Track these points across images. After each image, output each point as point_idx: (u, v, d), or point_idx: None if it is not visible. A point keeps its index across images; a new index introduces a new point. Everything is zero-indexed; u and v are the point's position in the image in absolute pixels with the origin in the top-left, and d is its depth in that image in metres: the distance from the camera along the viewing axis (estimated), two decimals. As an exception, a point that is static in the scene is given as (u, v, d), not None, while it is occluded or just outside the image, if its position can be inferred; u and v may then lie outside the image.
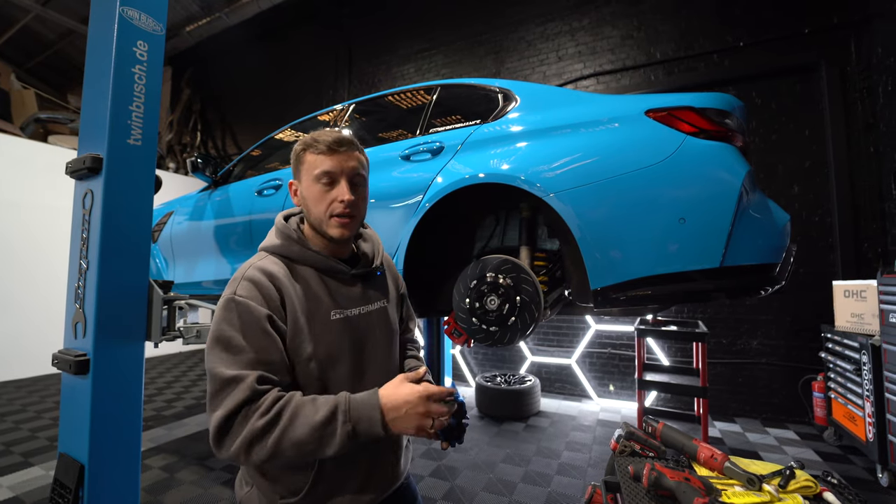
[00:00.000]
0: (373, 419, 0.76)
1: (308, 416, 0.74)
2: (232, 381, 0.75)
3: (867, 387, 2.77)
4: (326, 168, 0.91)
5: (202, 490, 2.61)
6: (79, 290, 1.69)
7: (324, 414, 0.74)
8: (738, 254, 1.41)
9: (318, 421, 0.74)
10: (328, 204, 0.91)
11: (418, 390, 0.78)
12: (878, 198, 3.56)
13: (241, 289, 0.83)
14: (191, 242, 2.95)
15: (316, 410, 0.75)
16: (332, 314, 0.90)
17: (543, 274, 1.84)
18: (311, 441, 0.73)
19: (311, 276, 0.92)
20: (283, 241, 0.93)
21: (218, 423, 0.73)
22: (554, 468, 2.92)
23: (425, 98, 2.23)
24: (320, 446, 0.74)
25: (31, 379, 5.18)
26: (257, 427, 0.72)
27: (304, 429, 0.73)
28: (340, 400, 0.77)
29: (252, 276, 0.85)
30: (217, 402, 0.75)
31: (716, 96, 1.58)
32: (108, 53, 1.72)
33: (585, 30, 4.84)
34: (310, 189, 0.93)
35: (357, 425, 0.75)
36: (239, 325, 0.79)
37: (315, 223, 0.94)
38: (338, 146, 0.92)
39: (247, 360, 0.77)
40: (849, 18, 3.70)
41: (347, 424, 0.75)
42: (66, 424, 1.71)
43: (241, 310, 0.80)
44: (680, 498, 1.09)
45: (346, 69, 6.48)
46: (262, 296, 0.83)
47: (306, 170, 0.93)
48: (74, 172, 1.74)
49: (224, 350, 0.78)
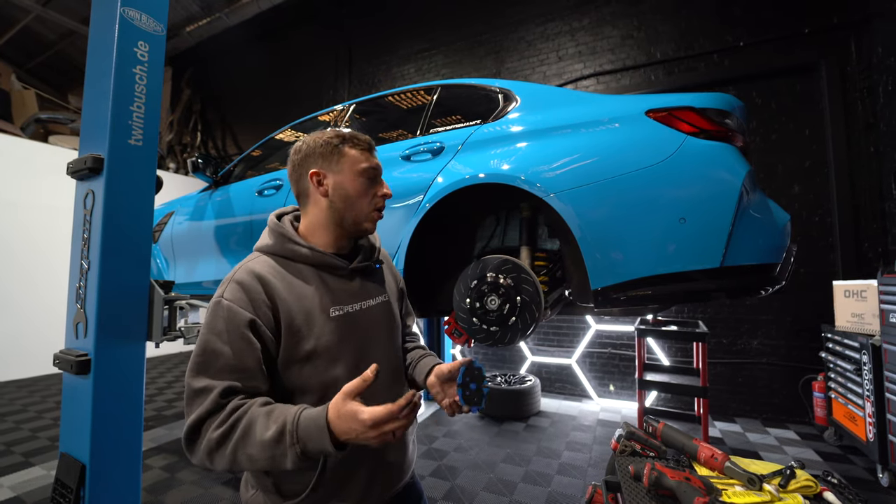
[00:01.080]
0: (322, 440, 0.70)
1: (259, 433, 0.72)
2: (200, 392, 0.76)
3: (867, 387, 2.77)
4: (373, 165, 0.96)
5: (203, 490, 2.62)
6: (80, 291, 1.69)
7: (272, 434, 0.71)
8: (739, 254, 1.41)
9: (266, 440, 0.71)
10: (371, 198, 0.95)
11: (363, 420, 0.68)
12: (879, 197, 3.56)
13: (228, 292, 0.83)
14: (191, 242, 2.95)
15: (267, 427, 0.72)
16: (331, 311, 0.89)
17: (544, 274, 1.85)
18: (263, 458, 0.72)
19: (309, 274, 0.91)
20: (277, 239, 0.92)
21: (185, 432, 0.76)
22: (554, 468, 2.92)
23: (426, 98, 2.23)
24: (274, 464, 0.72)
25: (31, 379, 5.18)
26: (213, 438, 0.73)
27: (254, 446, 0.72)
28: (289, 418, 0.72)
29: (240, 278, 0.84)
30: (188, 410, 0.77)
31: (716, 96, 1.58)
32: (109, 54, 1.73)
33: (585, 30, 4.84)
34: (353, 182, 0.93)
35: (306, 446, 0.71)
36: (220, 329, 0.79)
37: (349, 217, 0.94)
38: (373, 147, 0.98)
39: (220, 367, 0.78)
40: (849, 18, 3.70)
41: (295, 446, 0.70)
42: (68, 424, 1.71)
43: (224, 314, 0.80)
44: (680, 497, 1.09)
45: (346, 69, 6.48)
46: (247, 299, 0.82)
47: (349, 163, 0.93)
48: (76, 173, 1.74)
49: (201, 356, 0.78)
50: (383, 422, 0.69)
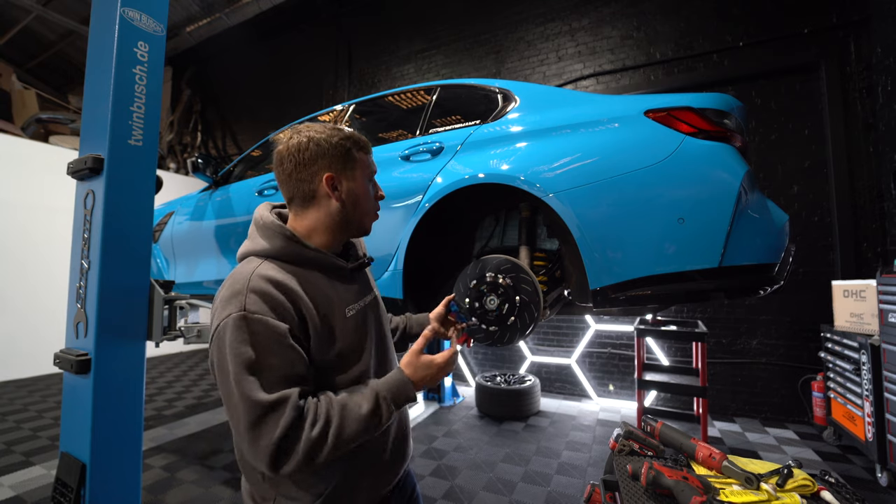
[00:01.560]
0: (408, 393, 0.85)
1: (354, 411, 0.78)
2: (275, 404, 0.72)
3: (866, 386, 2.78)
4: (374, 168, 1.00)
5: (203, 490, 2.62)
6: (80, 290, 1.69)
7: (369, 406, 0.80)
8: (737, 254, 1.41)
9: (365, 413, 0.79)
10: (374, 200, 0.99)
11: (438, 363, 0.89)
12: (878, 197, 3.57)
13: (251, 303, 0.76)
14: (191, 242, 2.96)
15: (359, 405, 0.80)
16: (347, 311, 0.90)
17: (543, 274, 1.85)
18: (363, 431, 0.79)
19: (318, 278, 0.89)
20: (281, 242, 0.87)
21: (272, 451, 0.71)
22: (554, 468, 2.92)
23: (425, 98, 2.23)
24: (372, 431, 0.81)
25: (31, 378, 5.19)
26: (313, 437, 0.73)
27: (355, 424, 0.78)
28: (377, 389, 0.83)
29: (259, 287, 0.78)
30: (261, 429, 0.71)
31: (715, 96, 1.58)
32: (109, 54, 1.73)
33: (585, 30, 4.84)
34: (363, 188, 0.95)
35: (396, 401, 0.84)
36: (260, 344, 0.74)
37: (355, 220, 0.95)
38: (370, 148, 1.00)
39: (278, 378, 0.75)
40: (848, 18, 3.70)
41: (391, 405, 0.82)
42: (68, 424, 1.71)
43: (258, 328, 0.75)
44: (678, 496, 1.09)
45: (346, 69, 6.48)
46: (272, 308, 0.77)
47: (360, 168, 0.95)
48: (76, 173, 1.74)
49: (251, 373, 0.73)
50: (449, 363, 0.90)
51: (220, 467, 2.92)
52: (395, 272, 1.86)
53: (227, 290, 0.80)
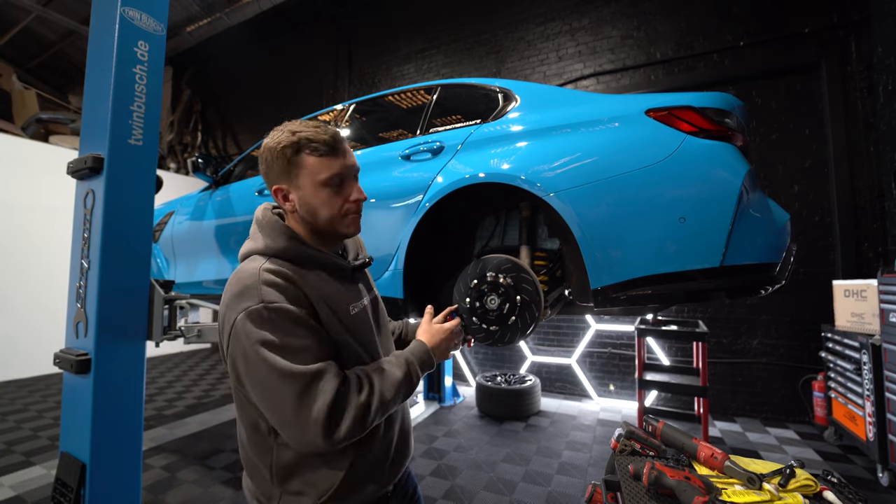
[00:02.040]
0: (430, 360, 0.96)
1: (390, 377, 0.85)
2: (318, 373, 0.75)
3: (867, 386, 2.78)
4: (336, 171, 0.85)
5: (203, 489, 2.62)
6: (80, 290, 1.69)
7: (402, 371, 0.88)
8: (739, 253, 1.41)
9: (400, 377, 0.86)
10: (341, 206, 0.88)
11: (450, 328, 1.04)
12: (879, 197, 3.56)
13: (267, 294, 0.77)
14: (192, 242, 2.95)
15: (393, 372, 0.87)
16: (350, 308, 0.90)
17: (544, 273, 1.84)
18: (399, 395, 0.85)
19: (321, 276, 0.88)
20: (286, 242, 0.86)
21: (324, 415, 0.72)
22: (554, 467, 2.92)
23: (425, 98, 2.23)
24: (406, 395, 0.88)
25: (31, 378, 5.19)
26: (361, 402, 0.78)
27: (393, 388, 0.84)
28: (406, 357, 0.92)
29: (269, 279, 0.79)
30: (308, 398, 0.73)
31: (716, 96, 1.58)
32: (109, 54, 1.73)
33: (585, 30, 4.84)
34: (317, 195, 0.86)
35: (423, 367, 0.93)
36: (285, 329, 0.76)
37: (324, 226, 0.89)
38: (339, 144, 0.87)
39: (311, 355, 0.76)
40: (849, 18, 3.70)
41: (418, 371, 0.91)
42: (68, 424, 1.71)
43: (279, 315, 0.76)
44: (680, 497, 1.09)
45: (346, 69, 6.48)
46: (289, 296, 0.79)
47: (308, 175, 0.85)
48: (76, 172, 1.74)
49: (284, 355, 0.74)
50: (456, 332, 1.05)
51: (220, 467, 2.92)
52: (395, 272, 1.86)
53: (235, 287, 0.79)
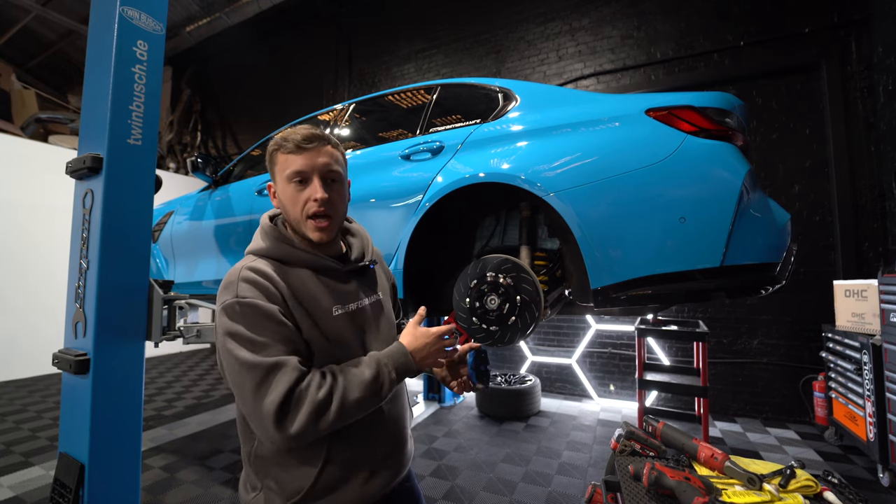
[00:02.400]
0: (408, 363, 0.88)
1: (357, 377, 0.82)
2: (276, 366, 0.77)
3: (868, 386, 2.77)
4: (297, 167, 0.88)
5: (202, 490, 2.61)
6: (79, 290, 1.69)
7: (371, 372, 0.83)
8: (739, 253, 1.41)
9: (368, 379, 0.82)
10: (303, 204, 0.89)
11: (431, 331, 0.91)
12: (879, 197, 3.56)
13: (244, 290, 0.82)
14: (191, 242, 2.95)
15: (362, 372, 0.83)
16: (334, 310, 0.90)
17: (544, 273, 1.84)
18: (367, 398, 0.82)
19: (307, 277, 0.91)
20: (272, 243, 0.91)
21: (276, 407, 0.74)
22: (554, 468, 2.92)
23: (425, 98, 2.23)
24: (375, 398, 0.83)
25: (31, 379, 5.18)
26: (319, 399, 0.76)
27: (358, 390, 0.81)
28: (378, 357, 0.87)
29: (248, 276, 0.84)
30: (264, 389, 0.75)
31: (716, 95, 1.57)
32: (108, 53, 1.72)
33: (586, 29, 4.83)
34: (284, 190, 0.91)
35: (398, 370, 0.87)
36: (254, 323, 0.79)
37: (294, 225, 0.92)
38: (307, 143, 0.89)
39: (276, 349, 0.79)
40: (849, 17, 3.70)
41: (392, 373, 0.86)
42: (67, 424, 1.70)
43: (250, 310, 0.80)
44: (680, 497, 1.09)
45: (346, 69, 6.48)
46: (263, 294, 0.82)
47: (279, 170, 0.91)
48: (74, 172, 1.74)
49: (249, 347, 0.78)
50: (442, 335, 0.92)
51: (219, 468, 2.91)
52: (395, 272, 1.86)
53: (223, 283, 0.86)
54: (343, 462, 0.87)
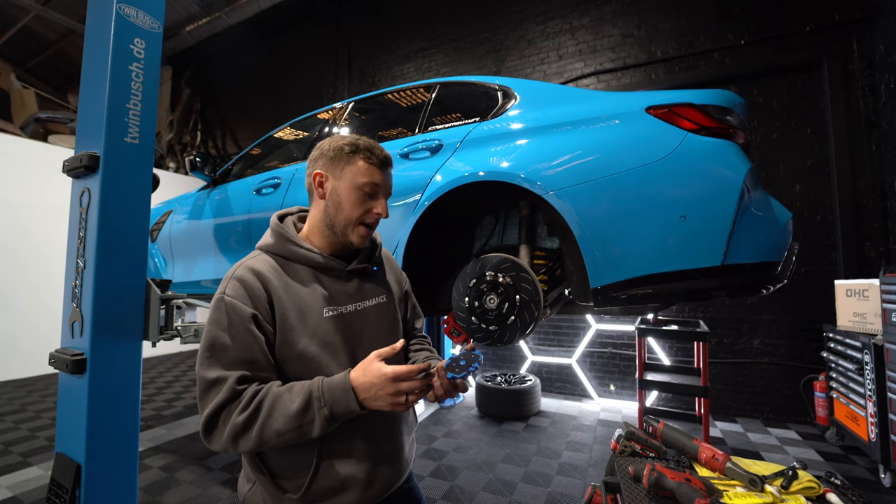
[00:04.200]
0: (348, 401, 0.77)
1: (285, 406, 0.77)
2: (214, 382, 0.79)
3: (869, 386, 2.76)
4: (376, 180, 0.94)
5: (201, 490, 2.61)
6: (76, 289, 1.68)
7: (299, 403, 0.77)
8: (740, 252, 1.40)
9: (294, 411, 0.76)
10: (363, 212, 0.94)
11: (385, 372, 0.77)
12: (881, 196, 3.54)
13: (230, 288, 0.85)
14: (189, 241, 2.94)
15: (292, 400, 0.77)
16: (325, 311, 0.90)
17: (543, 273, 1.83)
18: (291, 429, 0.77)
19: (305, 274, 0.92)
20: (277, 239, 0.94)
21: (204, 422, 0.78)
22: (554, 468, 2.90)
23: (424, 96, 2.22)
24: (301, 433, 0.77)
25: (30, 378, 5.18)
26: (238, 423, 0.76)
27: (282, 420, 0.76)
28: (314, 386, 0.79)
29: (240, 275, 0.87)
30: (203, 402, 0.80)
31: (717, 93, 1.56)
32: (105, 51, 1.71)
33: (586, 28, 4.82)
34: (349, 192, 0.93)
35: (333, 408, 0.77)
36: (225, 324, 0.82)
37: (338, 224, 0.94)
38: (388, 164, 0.97)
39: (230, 360, 0.80)
40: (851, 16, 3.68)
41: (324, 409, 0.77)
42: (63, 424, 1.69)
43: (228, 309, 0.83)
44: (681, 499, 1.08)
45: (345, 68, 6.47)
46: (248, 294, 0.84)
47: (352, 172, 0.93)
48: (71, 171, 1.73)
49: (209, 351, 0.81)
50: (401, 378, 0.77)
51: (218, 468, 2.91)
52: (394, 271, 1.84)
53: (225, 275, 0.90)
54: (338, 464, 0.86)
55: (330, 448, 0.86)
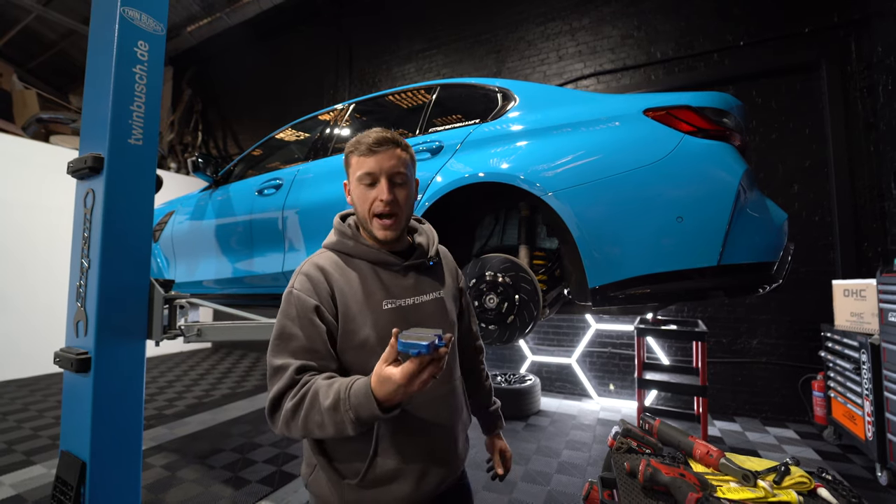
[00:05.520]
0: (370, 406, 0.76)
1: (321, 401, 0.80)
2: (279, 369, 0.86)
3: (866, 386, 2.78)
4: (367, 169, 0.95)
5: (203, 488, 2.63)
6: (80, 289, 1.70)
7: (330, 402, 0.79)
8: (736, 252, 1.42)
9: (327, 407, 0.79)
10: (370, 203, 0.96)
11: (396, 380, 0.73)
12: (878, 197, 3.56)
13: (297, 282, 0.93)
14: (192, 242, 2.96)
15: (326, 396, 0.80)
16: (384, 304, 0.95)
17: (542, 273, 1.85)
18: (328, 424, 0.79)
19: (365, 269, 0.97)
20: (339, 237, 1.01)
21: (268, 404, 0.86)
22: (554, 467, 2.92)
23: (425, 97, 2.24)
24: (338, 430, 0.79)
25: (32, 378, 5.20)
26: (288, 409, 0.82)
27: (319, 414, 0.80)
28: (342, 388, 0.79)
29: (306, 270, 0.94)
30: (270, 385, 0.87)
31: (714, 95, 1.58)
32: (109, 53, 1.73)
33: (586, 29, 4.84)
34: (355, 190, 0.98)
35: (358, 412, 0.77)
36: (293, 315, 0.89)
37: (362, 223, 0.99)
38: (377, 146, 0.95)
39: (294, 348, 0.87)
40: (849, 17, 3.70)
41: (349, 413, 0.77)
42: (68, 422, 1.71)
43: (295, 301, 0.90)
44: (675, 493, 1.10)
45: (346, 69, 6.49)
46: (312, 288, 0.91)
47: (352, 171, 0.98)
48: (76, 172, 1.75)
49: (278, 339, 0.89)
50: (415, 374, 0.73)
51: (220, 466, 2.93)
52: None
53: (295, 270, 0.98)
54: (394, 454, 0.91)
55: (385, 439, 0.90)
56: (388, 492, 0.90)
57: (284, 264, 2.36)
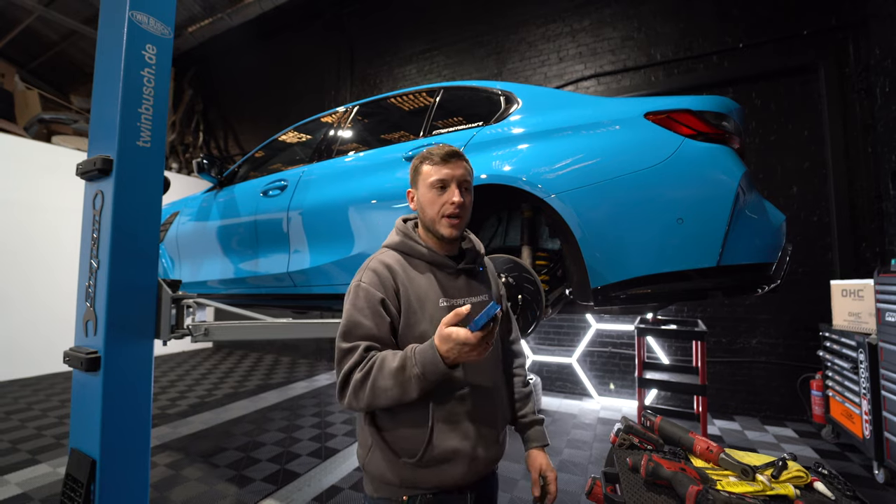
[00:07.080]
0: (435, 359, 0.88)
1: (389, 365, 0.91)
2: (349, 351, 0.96)
3: (864, 385, 2.81)
4: (440, 176, 1.06)
5: (207, 487, 2.65)
6: (89, 289, 1.72)
7: (398, 363, 0.91)
8: (735, 253, 1.44)
9: (394, 368, 0.90)
10: (441, 206, 1.06)
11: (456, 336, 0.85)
12: (876, 198, 3.60)
13: (365, 277, 1.03)
14: (196, 242, 2.99)
15: (393, 360, 0.92)
16: (441, 301, 1.04)
17: (545, 273, 1.88)
18: (393, 386, 0.90)
19: (424, 268, 1.08)
20: (402, 238, 1.10)
21: (339, 382, 0.96)
22: (555, 465, 2.94)
23: (428, 100, 2.26)
24: (403, 391, 0.90)
25: (35, 378, 5.22)
26: (357, 379, 0.93)
27: (386, 378, 0.90)
28: (408, 350, 0.93)
29: (373, 266, 1.04)
30: (339, 367, 0.97)
31: (713, 99, 1.61)
32: (118, 57, 1.75)
33: (586, 31, 4.87)
34: (426, 195, 1.07)
35: (424, 368, 0.88)
36: (362, 306, 0.99)
37: (429, 224, 1.08)
38: (449, 157, 1.07)
39: (360, 335, 0.97)
40: (847, 20, 3.73)
41: (415, 368, 0.89)
42: (78, 420, 1.74)
43: (363, 293, 1.00)
44: (676, 487, 1.12)
45: (347, 70, 6.51)
46: (379, 282, 1.01)
47: (423, 179, 1.08)
48: (85, 174, 1.77)
49: (346, 326, 0.99)
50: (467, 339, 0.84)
51: (224, 465, 2.95)
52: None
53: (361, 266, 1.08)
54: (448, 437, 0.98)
55: (439, 423, 0.98)
56: (444, 472, 0.98)
57: (289, 265, 2.38)
